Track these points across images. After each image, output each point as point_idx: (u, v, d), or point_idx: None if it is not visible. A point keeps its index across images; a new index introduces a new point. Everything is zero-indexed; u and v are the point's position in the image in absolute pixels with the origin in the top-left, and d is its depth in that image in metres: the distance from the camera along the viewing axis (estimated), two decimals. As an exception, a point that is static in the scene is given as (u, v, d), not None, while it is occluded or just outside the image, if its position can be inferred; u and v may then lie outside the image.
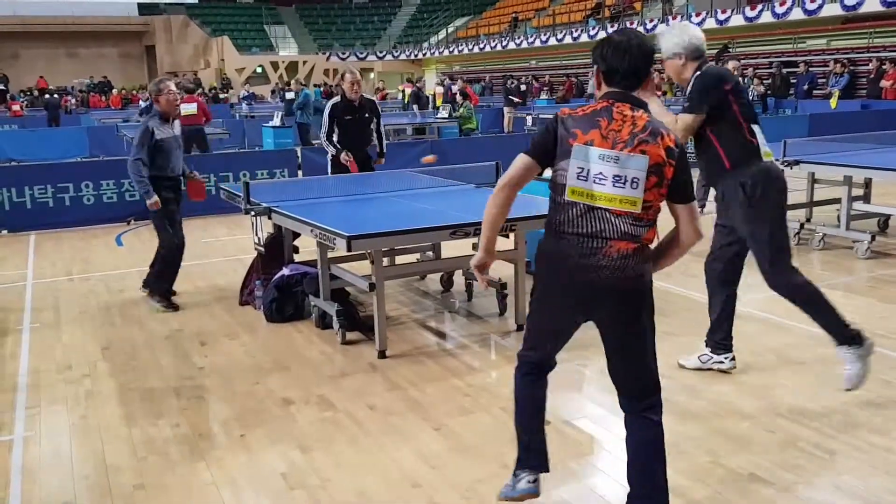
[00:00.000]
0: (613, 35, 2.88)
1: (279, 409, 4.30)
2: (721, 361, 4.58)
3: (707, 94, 3.97)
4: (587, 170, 2.76)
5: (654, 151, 2.74)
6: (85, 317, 6.16)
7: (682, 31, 4.11)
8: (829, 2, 20.62)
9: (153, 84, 6.46)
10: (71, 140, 18.12)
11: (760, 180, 4.03)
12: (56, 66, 37.71)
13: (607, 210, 2.77)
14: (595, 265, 2.77)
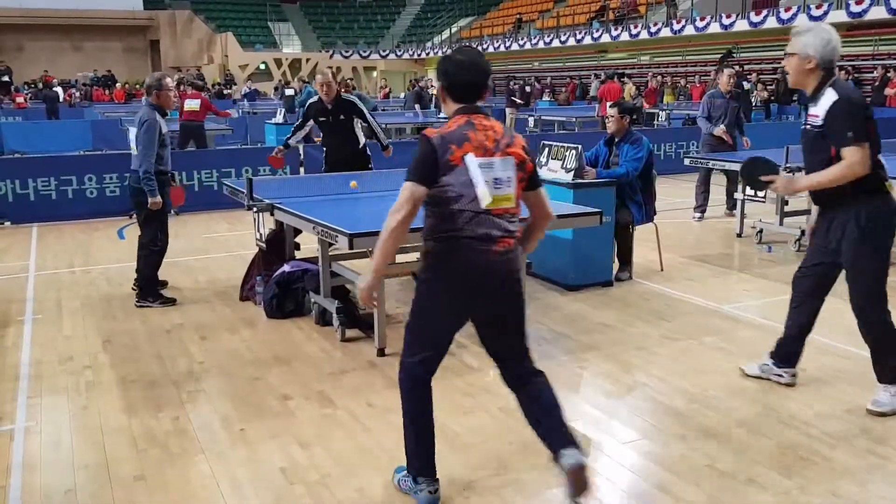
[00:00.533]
0: (454, 54, 3.19)
1: (279, 405, 4.32)
2: (781, 375, 4.43)
3: (863, 123, 3.75)
4: (472, 179, 3.00)
5: (516, 152, 3.11)
6: (86, 309, 6.19)
7: (825, 36, 3.86)
8: (834, 8, 20.67)
9: (153, 79, 6.28)
10: (74, 133, 18.16)
11: (880, 214, 3.87)
12: (60, 59, 37.74)
13: (489, 212, 3.04)
14: (485, 263, 3.07)
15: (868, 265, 3.94)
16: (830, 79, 3.88)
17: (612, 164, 6.73)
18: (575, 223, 5.64)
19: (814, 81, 3.92)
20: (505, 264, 3.10)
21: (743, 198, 8.16)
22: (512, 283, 3.17)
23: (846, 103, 3.78)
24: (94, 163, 10.39)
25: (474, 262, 3.06)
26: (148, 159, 5.98)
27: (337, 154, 7.43)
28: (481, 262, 3.06)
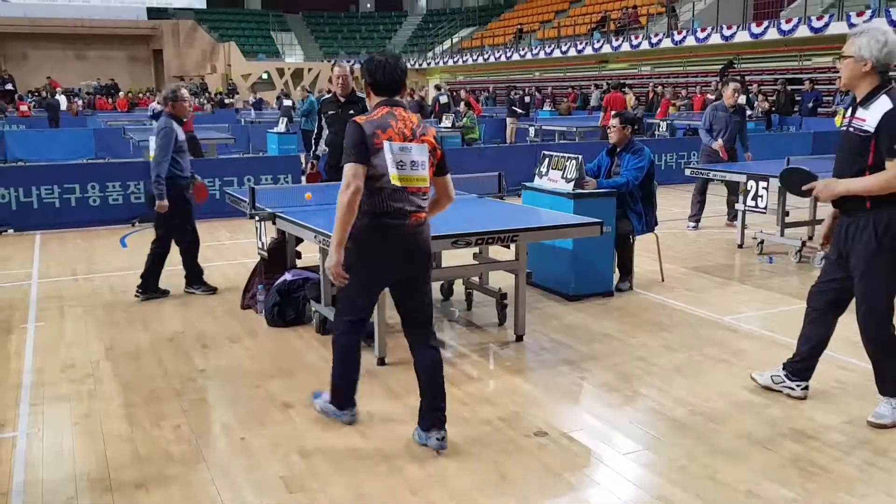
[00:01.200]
0: (376, 55, 3.81)
1: (279, 413, 4.33)
2: (792, 388, 4.41)
3: None
4: (394, 160, 3.62)
5: (429, 140, 3.75)
6: (89, 316, 6.21)
7: (881, 38, 3.74)
8: (835, 20, 20.72)
9: (169, 90, 6.70)
10: (77, 141, 18.21)
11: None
12: (64, 68, 37.84)
13: (406, 189, 3.66)
14: (403, 233, 3.68)
15: (879, 276, 3.90)
16: (887, 85, 3.79)
17: (613, 174, 6.75)
18: (575, 233, 5.66)
19: (868, 85, 3.82)
20: (417, 235, 3.72)
21: (744, 208, 8.18)
22: (423, 252, 3.79)
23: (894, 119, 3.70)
24: (96, 171, 10.42)
25: (392, 233, 3.66)
26: (161, 165, 6.36)
27: (338, 153, 7.40)
28: (398, 234, 3.67)
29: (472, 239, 4.96)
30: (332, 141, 7.44)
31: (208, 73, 39.06)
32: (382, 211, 3.64)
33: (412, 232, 3.70)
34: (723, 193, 9.86)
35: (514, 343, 5.51)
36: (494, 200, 6.52)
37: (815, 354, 4.35)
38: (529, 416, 4.26)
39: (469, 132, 17.23)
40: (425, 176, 3.71)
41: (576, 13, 34.66)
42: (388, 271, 3.78)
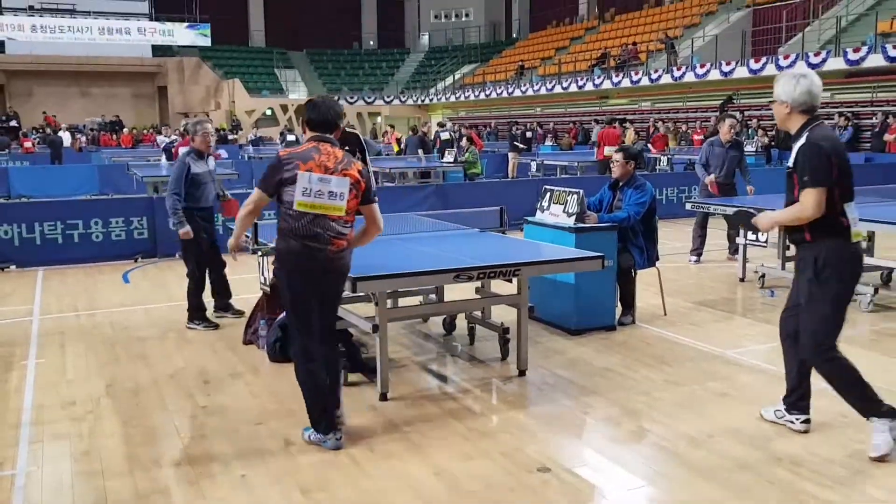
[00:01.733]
0: (314, 99, 4.38)
1: (280, 450, 4.30)
2: (792, 421, 4.42)
3: (823, 168, 3.89)
4: (310, 189, 4.05)
5: (351, 174, 4.17)
6: (90, 353, 6.19)
7: (793, 82, 4.03)
8: (832, 56, 20.94)
9: (191, 124, 7.13)
10: (81, 178, 18.32)
11: (834, 259, 3.97)
12: (69, 105, 38.15)
13: (326, 216, 4.10)
14: (322, 258, 4.11)
15: (817, 307, 4.05)
16: (811, 123, 4.04)
17: (615, 208, 6.78)
18: (577, 267, 5.67)
19: (795, 125, 4.10)
20: (337, 261, 4.18)
21: (745, 242, 8.19)
22: (341, 276, 4.28)
23: (809, 147, 3.96)
24: (99, 207, 10.46)
25: (314, 258, 4.10)
26: (170, 196, 6.68)
27: None
28: (319, 259, 4.11)
29: (473, 273, 4.97)
30: None
31: (212, 109, 39.36)
32: (299, 234, 4.10)
33: (332, 258, 4.15)
34: (724, 227, 9.88)
35: (517, 378, 5.49)
36: (496, 235, 6.54)
37: (801, 381, 4.38)
38: (532, 451, 4.23)
39: (471, 167, 17.34)
40: (341, 206, 4.13)
41: (576, 50, 35.04)
42: (314, 293, 4.20)
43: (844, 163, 3.99)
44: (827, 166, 3.91)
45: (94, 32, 37.55)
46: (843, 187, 3.96)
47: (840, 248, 3.99)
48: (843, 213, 3.97)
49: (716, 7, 30.16)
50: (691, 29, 29.35)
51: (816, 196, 3.90)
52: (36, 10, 37.13)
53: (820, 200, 3.89)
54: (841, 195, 3.95)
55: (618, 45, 31.31)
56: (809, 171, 3.92)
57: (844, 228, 3.97)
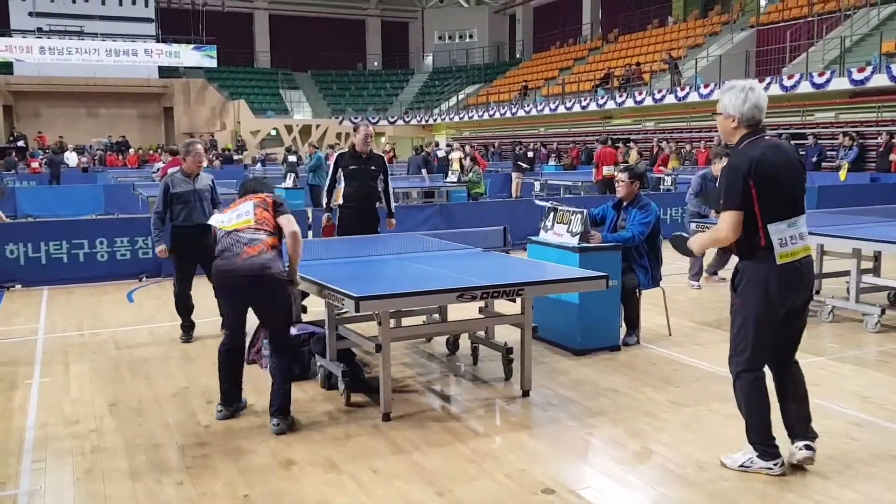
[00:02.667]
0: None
1: (283, 470, 4.28)
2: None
3: (738, 189, 3.84)
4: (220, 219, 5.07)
5: (256, 198, 5.08)
6: (94, 372, 6.19)
7: (743, 95, 3.93)
8: (836, 76, 20.99)
9: (183, 145, 7.35)
10: (87, 198, 18.40)
11: (752, 277, 3.95)
12: (76, 125, 38.36)
13: (237, 230, 4.90)
14: (237, 266, 4.81)
15: (735, 319, 4.08)
16: (749, 138, 3.95)
17: (619, 228, 6.78)
18: (581, 287, 5.65)
19: (737, 138, 4.01)
20: (248, 264, 4.78)
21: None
22: (260, 278, 4.79)
23: (728, 169, 3.93)
24: (104, 227, 10.48)
25: (226, 268, 4.85)
26: (154, 214, 7.12)
27: (359, 207, 7.62)
28: (231, 267, 4.83)
29: (477, 293, 4.95)
30: (352, 194, 7.59)
31: (218, 129, 39.58)
32: (222, 250, 4.93)
33: (242, 265, 4.80)
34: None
35: (521, 398, 5.46)
36: (500, 254, 6.54)
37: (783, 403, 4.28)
38: (536, 473, 4.21)
39: (475, 186, 17.36)
40: (249, 220, 4.92)
41: (580, 70, 35.18)
42: (239, 298, 4.96)
43: (772, 181, 3.84)
44: (740, 188, 3.83)
45: (101, 54, 37.83)
46: (767, 205, 3.85)
47: (759, 264, 3.91)
48: (764, 231, 3.85)
49: (720, 27, 30.29)
50: (695, 49, 29.45)
51: (730, 218, 3.88)
52: (44, 31, 37.45)
53: (734, 223, 3.87)
54: (763, 214, 3.84)
55: (621, 65, 31.42)
56: (724, 194, 3.92)
57: (763, 246, 3.87)
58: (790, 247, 3.89)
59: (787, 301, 3.96)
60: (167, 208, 6.98)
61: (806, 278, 4.01)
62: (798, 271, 3.95)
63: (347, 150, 7.85)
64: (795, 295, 3.98)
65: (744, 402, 4.11)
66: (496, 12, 47.29)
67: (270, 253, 4.86)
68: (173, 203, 6.96)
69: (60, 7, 37.79)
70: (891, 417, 4.93)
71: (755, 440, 4.10)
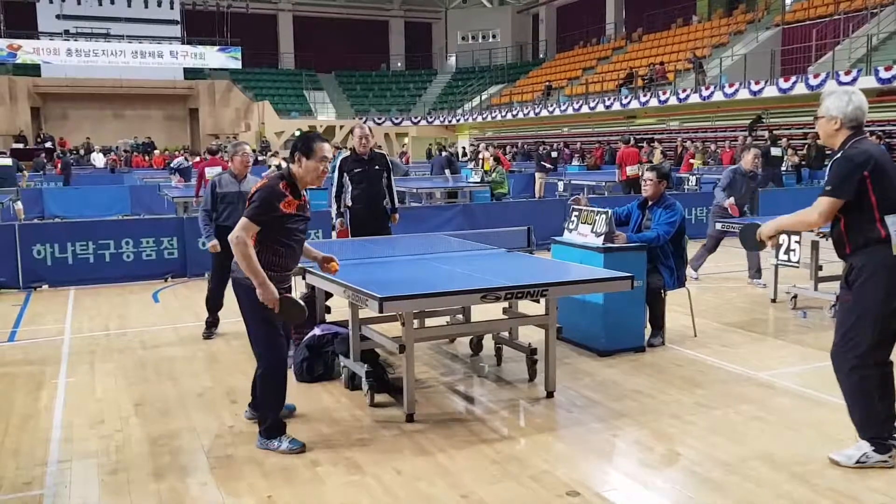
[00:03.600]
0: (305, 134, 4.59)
1: (307, 471, 4.28)
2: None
3: (847, 180, 3.93)
4: None
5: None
6: (119, 372, 6.23)
7: (846, 98, 4.05)
8: (863, 75, 20.69)
9: (231, 146, 7.48)
10: (114, 198, 18.58)
11: (871, 268, 3.93)
12: (102, 127, 38.81)
13: None
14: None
15: (847, 313, 4.05)
16: (853, 138, 4.02)
17: (644, 228, 6.72)
18: (605, 288, 5.60)
19: (840, 140, 4.08)
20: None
21: (776, 262, 8.07)
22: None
23: (842, 159, 3.98)
24: (130, 227, 10.58)
25: None
26: (201, 211, 7.23)
27: (368, 208, 7.63)
28: None
29: (501, 293, 4.92)
30: (360, 197, 7.58)
31: (243, 130, 39.83)
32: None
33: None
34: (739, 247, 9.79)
35: (545, 399, 5.42)
36: (524, 254, 6.50)
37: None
38: (561, 475, 4.17)
39: (498, 187, 17.32)
40: None
41: (603, 70, 35.00)
42: None
43: (886, 175, 3.93)
44: (851, 178, 3.91)
45: (127, 56, 38.28)
46: (884, 199, 3.90)
47: (877, 256, 3.91)
48: (882, 224, 3.91)
49: (744, 26, 29.99)
50: (720, 48, 29.17)
51: (828, 205, 3.96)
52: (71, 34, 37.92)
53: (830, 209, 3.97)
54: (881, 206, 3.90)
55: (645, 64, 31.21)
56: (831, 180, 3.99)
57: (882, 238, 3.90)
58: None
59: None
60: (215, 206, 7.10)
61: None
62: None
63: (349, 154, 7.82)
64: None
65: (858, 398, 4.06)
66: (519, 12, 47.19)
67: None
68: (218, 202, 7.08)
69: (87, 10, 38.23)
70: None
71: (872, 435, 4.05)
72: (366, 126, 7.83)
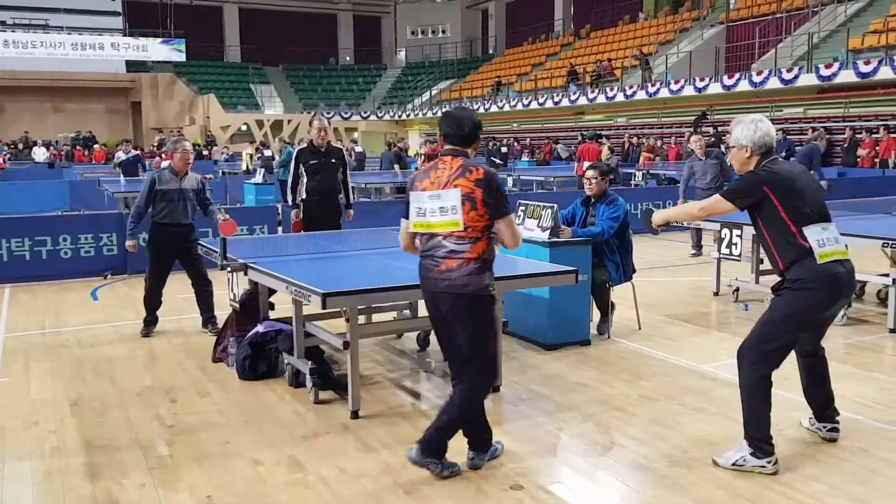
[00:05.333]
0: (452, 109, 4.07)
1: (248, 470, 4.20)
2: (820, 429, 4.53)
3: (744, 192, 4.10)
4: (423, 208, 3.88)
5: (464, 184, 3.80)
6: (55, 371, 6.04)
7: (753, 126, 4.15)
8: (804, 72, 21.20)
9: (170, 142, 7.32)
10: (52, 193, 18.07)
11: (796, 277, 4.01)
12: (42, 120, 37.66)
13: (438, 234, 3.87)
14: (430, 276, 3.93)
15: (772, 314, 4.14)
16: (765, 161, 4.13)
17: (588, 224, 6.76)
18: (551, 282, 5.61)
19: (752, 166, 4.17)
20: (442, 281, 3.86)
21: (719, 256, 8.19)
22: (446, 295, 3.87)
23: (747, 174, 4.15)
24: (69, 223, 10.27)
25: (424, 278, 3.98)
26: (133, 206, 7.05)
27: (322, 201, 7.61)
28: (428, 279, 3.94)
29: (446, 288, 4.88)
30: (316, 189, 7.54)
31: (187, 124, 39.06)
32: (422, 254, 4.00)
33: (438, 276, 3.88)
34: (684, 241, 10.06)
35: (491, 394, 5.39)
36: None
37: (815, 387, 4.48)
38: (507, 469, 4.16)
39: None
40: (454, 220, 3.80)
41: (552, 66, 35.24)
42: (433, 309, 4.03)
43: (792, 188, 4.01)
44: (748, 190, 4.08)
45: (67, 48, 37.19)
46: (795, 212, 4.00)
47: (812, 268, 3.98)
48: (802, 236, 3.99)
49: (690, 24, 30.49)
50: (666, 45, 29.61)
51: (714, 202, 4.23)
52: (8, 25, 36.75)
53: (712, 207, 4.25)
54: (795, 221, 3.99)
55: (593, 61, 31.52)
56: (731, 186, 4.24)
57: (808, 250, 3.98)
58: (828, 247, 4.01)
59: (832, 306, 4.12)
60: (150, 203, 6.90)
61: (852, 284, 4.17)
62: (846, 277, 4.06)
63: (306, 146, 7.78)
64: (841, 300, 4.13)
65: (751, 395, 4.11)
66: (468, 7, 47.23)
67: (471, 266, 3.87)
68: (157, 199, 6.88)
69: (25, 0, 37.07)
70: (857, 410, 4.96)
71: (754, 435, 4.09)
72: (324, 119, 7.82)
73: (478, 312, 3.89)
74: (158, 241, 6.97)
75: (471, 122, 3.95)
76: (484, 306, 3.91)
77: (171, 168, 7.02)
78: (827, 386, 4.46)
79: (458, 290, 3.83)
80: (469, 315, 3.87)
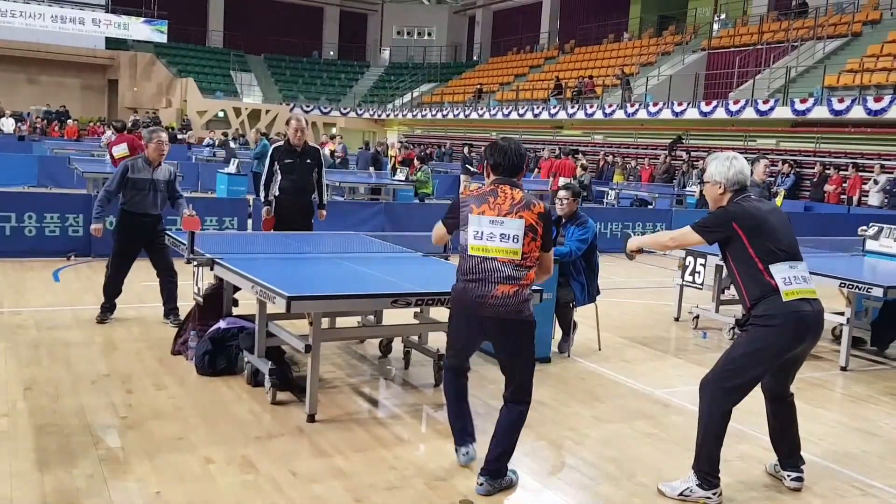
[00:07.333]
0: (499, 140, 4.22)
1: (199, 468, 4.19)
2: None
3: (712, 225, 4.19)
4: (481, 232, 4.00)
5: (528, 216, 4.01)
6: (10, 353, 5.97)
7: (728, 163, 4.20)
8: (780, 105, 21.55)
9: (147, 132, 7.22)
10: (21, 167, 17.76)
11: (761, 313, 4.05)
12: (14, 91, 37.06)
13: (496, 259, 3.99)
14: (486, 302, 3.98)
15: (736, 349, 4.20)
16: (737, 198, 4.19)
17: (557, 244, 6.83)
18: (515, 299, 5.66)
19: (725, 202, 4.25)
20: (498, 306, 3.97)
21: (682, 283, 8.33)
22: (501, 320, 4.00)
23: (718, 209, 4.23)
24: (34, 200, 10.15)
25: (470, 297, 4.02)
26: (103, 190, 6.97)
27: (295, 200, 7.59)
28: (478, 301, 3.99)
29: (412, 299, 4.93)
30: (289, 188, 7.51)
31: (163, 107, 38.70)
32: (470, 277, 4.04)
33: (496, 302, 3.97)
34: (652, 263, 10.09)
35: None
36: (439, 260, 6.51)
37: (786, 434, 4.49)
38: (456, 482, 4.21)
39: (422, 186, 17.31)
40: (514, 248, 3.97)
41: (535, 78, 35.43)
42: (476, 332, 4.16)
43: (760, 226, 4.08)
44: (717, 224, 4.16)
45: (46, 20, 36.63)
46: (762, 249, 4.06)
47: (778, 305, 4.03)
48: (769, 274, 4.05)
49: (672, 48, 30.85)
50: (647, 67, 29.92)
51: (684, 233, 4.33)
52: (-13, -7, 36.15)
53: (681, 238, 4.41)
54: (763, 258, 4.05)
55: (575, 76, 31.76)
56: (702, 219, 4.29)
57: (775, 288, 4.03)
58: (794, 286, 4.05)
59: (798, 345, 4.14)
60: (120, 190, 6.86)
61: (819, 323, 4.16)
62: (812, 317, 4.09)
63: (283, 144, 7.74)
64: (809, 340, 4.16)
65: (708, 428, 4.14)
66: (456, 12, 47.33)
67: (525, 292, 4.07)
68: (128, 187, 6.85)
69: (5, -33, 36.50)
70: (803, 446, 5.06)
71: (703, 468, 4.14)
72: (303, 118, 7.76)
73: (531, 337, 4.15)
74: (125, 229, 6.94)
75: (517, 155, 4.14)
76: (533, 330, 4.17)
77: (144, 157, 6.98)
78: (794, 433, 4.44)
79: (515, 317, 4.01)
80: (528, 339, 4.13)
